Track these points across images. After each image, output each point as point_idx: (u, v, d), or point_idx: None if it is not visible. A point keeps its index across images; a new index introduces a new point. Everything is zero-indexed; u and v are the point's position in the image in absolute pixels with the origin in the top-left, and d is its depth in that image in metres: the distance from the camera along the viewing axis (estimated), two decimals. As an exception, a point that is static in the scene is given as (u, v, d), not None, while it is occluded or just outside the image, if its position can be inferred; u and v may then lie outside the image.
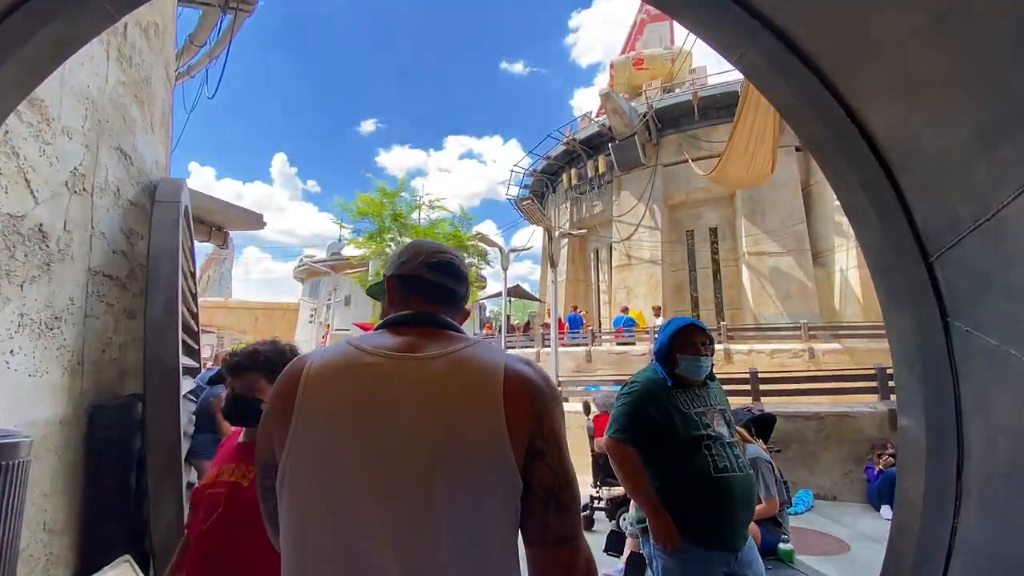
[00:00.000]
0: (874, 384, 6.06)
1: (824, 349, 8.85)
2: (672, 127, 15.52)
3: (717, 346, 10.19)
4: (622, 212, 15.85)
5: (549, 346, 11.97)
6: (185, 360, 3.02)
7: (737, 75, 14.59)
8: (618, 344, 11.03)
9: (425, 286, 0.96)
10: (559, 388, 7.85)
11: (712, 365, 2.03)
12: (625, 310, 11.84)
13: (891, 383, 5.75)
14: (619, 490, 4.15)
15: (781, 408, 5.86)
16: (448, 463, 0.75)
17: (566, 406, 7.37)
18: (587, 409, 4.88)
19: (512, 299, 14.36)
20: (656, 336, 2.24)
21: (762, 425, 5.60)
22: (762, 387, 6.23)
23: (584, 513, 3.00)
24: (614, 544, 3.67)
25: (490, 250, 16.41)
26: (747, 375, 6.44)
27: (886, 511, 5.06)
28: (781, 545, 3.03)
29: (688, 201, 15.41)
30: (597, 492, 4.60)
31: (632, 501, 2.47)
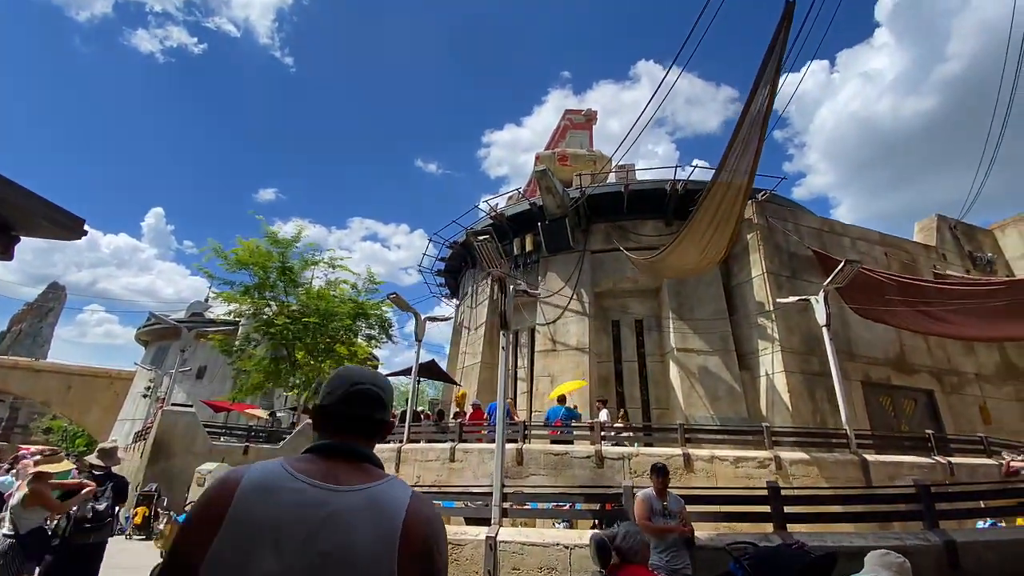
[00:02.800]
0: (901, 507, 4.85)
1: (791, 458, 7.79)
2: (601, 216, 15.33)
3: (675, 450, 8.77)
4: (548, 294, 14.77)
5: (467, 441, 9.69)
6: None
7: (664, 175, 15.30)
8: (553, 442, 9.12)
9: (344, 419, 1.18)
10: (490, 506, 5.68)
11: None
12: (562, 400, 10.13)
13: (940, 505, 4.56)
14: None
15: (815, 541, 4.33)
16: None
17: (509, 532, 5.12)
18: (602, 552, 2.89)
19: (420, 381, 11.96)
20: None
21: (817, 571, 3.92)
22: (786, 509, 4.70)
23: None
24: None
25: (399, 317, 14.16)
26: (764, 491, 4.90)
27: None
28: None
29: (615, 291, 14.84)
30: None
31: None
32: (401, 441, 10.37)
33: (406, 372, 13.74)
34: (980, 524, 6.44)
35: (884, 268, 13.99)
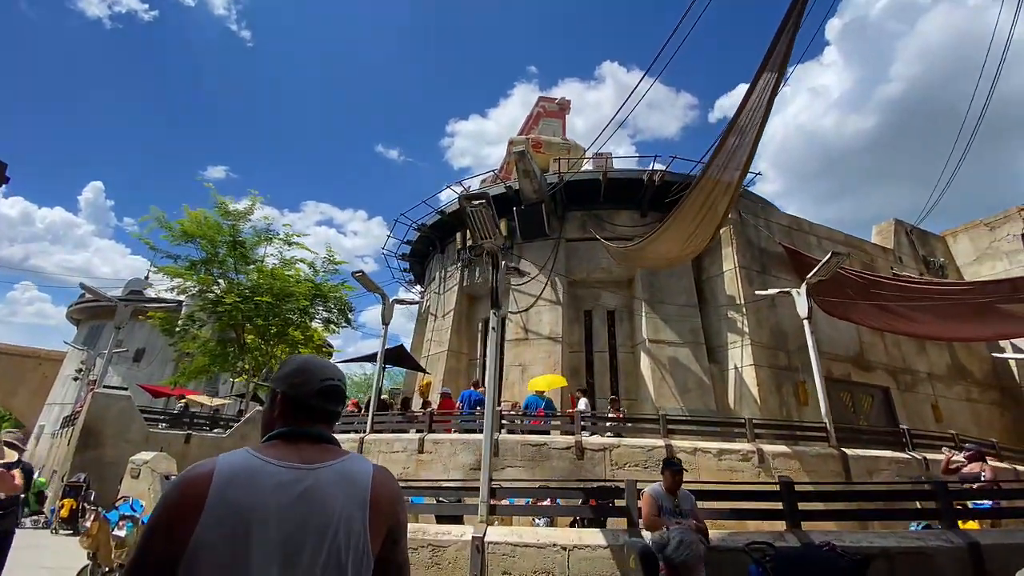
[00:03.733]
0: (911, 505, 4.69)
1: (773, 452, 7.68)
2: (578, 204, 14.98)
3: (656, 441, 8.52)
4: (521, 282, 14.29)
5: (436, 431, 9.11)
6: None
7: (640, 166, 15.13)
8: (528, 432, 8.69)
9: (313, 410, 1.27)
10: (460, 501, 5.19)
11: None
12: (540, 392, 9.69)
13: (958, 503, 4.40)
14: None
15: (829, 538, 4.06)
16: (329, 549, 1.10)
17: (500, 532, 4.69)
18: (648, 564, 2.43)
19: (385, 368, 11.21)
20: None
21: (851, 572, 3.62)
22: (800, 506, 4.43)
23: None
24: None
25: (355, 302, 13.31)
26: (776, 487, 4.61)
27: None
28: None
29: (589, 280, 14.54)
30: None
31: None
32: (364, 431, 9.67)
33: (370, 359, 12.95)
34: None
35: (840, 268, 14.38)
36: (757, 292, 11.51)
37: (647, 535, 4.22)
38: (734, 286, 13.18)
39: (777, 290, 10.49)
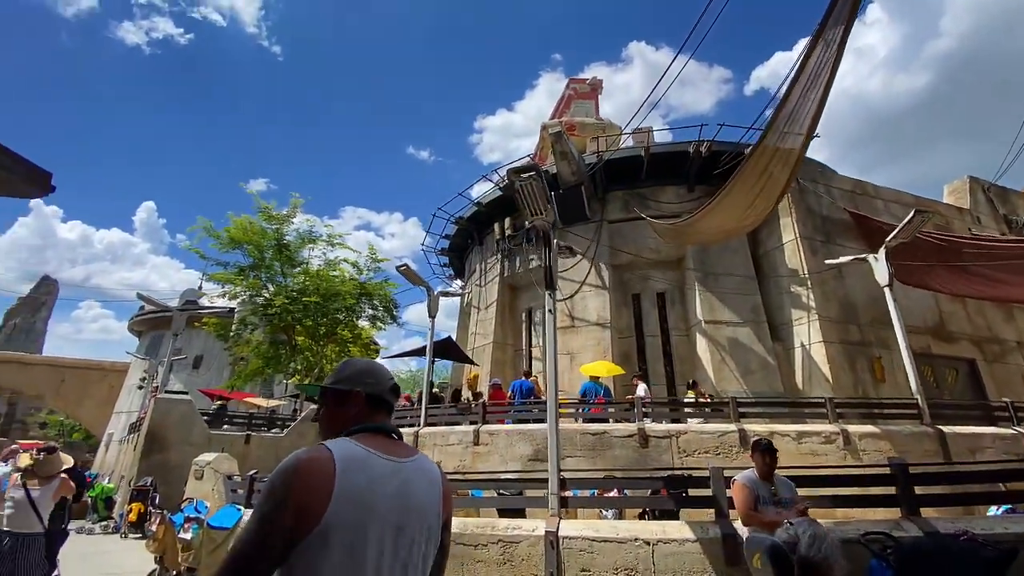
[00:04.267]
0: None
1: (859, 432, 7.00)
2: (619, 183, 14.36)
3: (727, 426, 7.97)
4: (564, 268, 13.84)
5: (492, 422, 8.85)
6: None
7: (683, 139, 14.27)
8: (587, 421, 8.30)
9: (386, 405, 1.43)
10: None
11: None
12: (597, 379, 9.27)
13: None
14: None
15: (950, 528, 3.50)
16: (420, 536, 1.26)
17: (574, 526, 4.32)
18: (780, 563, 2.00)
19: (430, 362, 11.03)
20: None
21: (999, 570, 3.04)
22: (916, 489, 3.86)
23: None
24: None
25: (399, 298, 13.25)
26: (886, 468, 4.06)
27: None
28: None
29: (635, 262, 13.93)
30: None
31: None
32: (418, 425, 9.53)
33: (419, 352, 12.86)
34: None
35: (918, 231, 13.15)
36: (827, 261, 10.63)
37: (742, 529, 3.77)
38: (796, 258, 12.29)
39: (850, 257, 9.62)
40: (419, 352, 12.82)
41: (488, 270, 17.04)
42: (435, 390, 12.67)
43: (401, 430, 6.15)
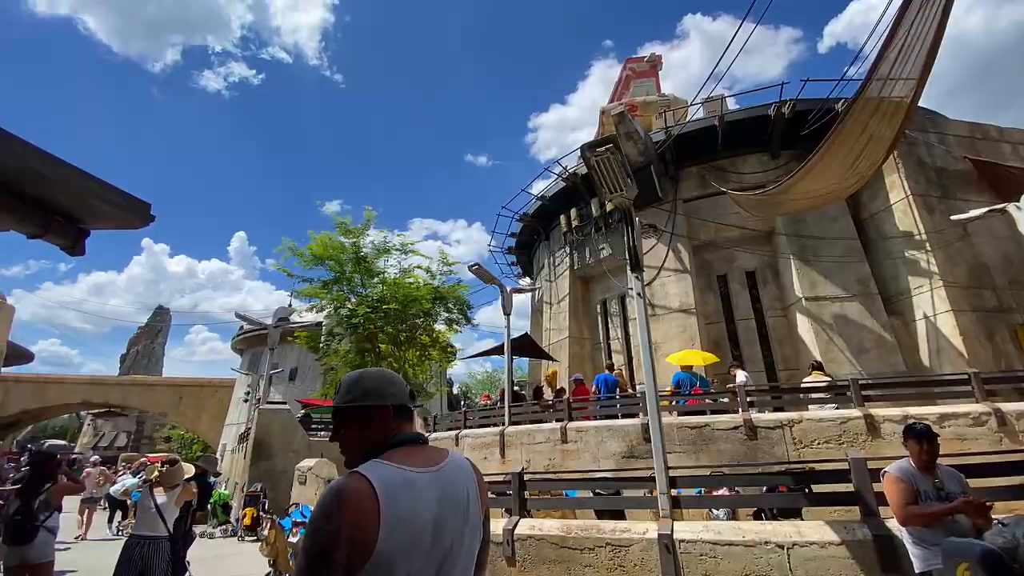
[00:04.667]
0: None
1: (1017, 411, 5.91)
2: (692, 158, 13.44)
3: (851, 412, 7.10)
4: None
5: (577, 419, 8.51)
6: None
7: (765, 100, 12.99)
8: (682, 414, 7.73)
9: (407, 411, 1.39)
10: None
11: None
12: (689, 368, 8.66)
13: None
14: None
15: None
16: (468, 538, 1.29)
17: (690, 528, 3.91)
18: (997, 568, 1.52)
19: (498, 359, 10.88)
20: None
21: None
22: None
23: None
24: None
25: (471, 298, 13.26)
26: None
27: None
28: None
29: (717, 241, 12.98)
30: None
31: None
32: (503, 424, 9.40)
33: (496, 351, 12.80)
34: None
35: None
36: (953, 218, 9.24)
37: (897, 529, 3.18)
38: (908, 219, 10.84)
39: (983, 210, 8.25)
40: (496, 351, 12.74)
41: (557, 264, 16.70)
42: (515, 388, 12.52)
43: (485, 430, 5.97)
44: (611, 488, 6.26)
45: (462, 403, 33.50)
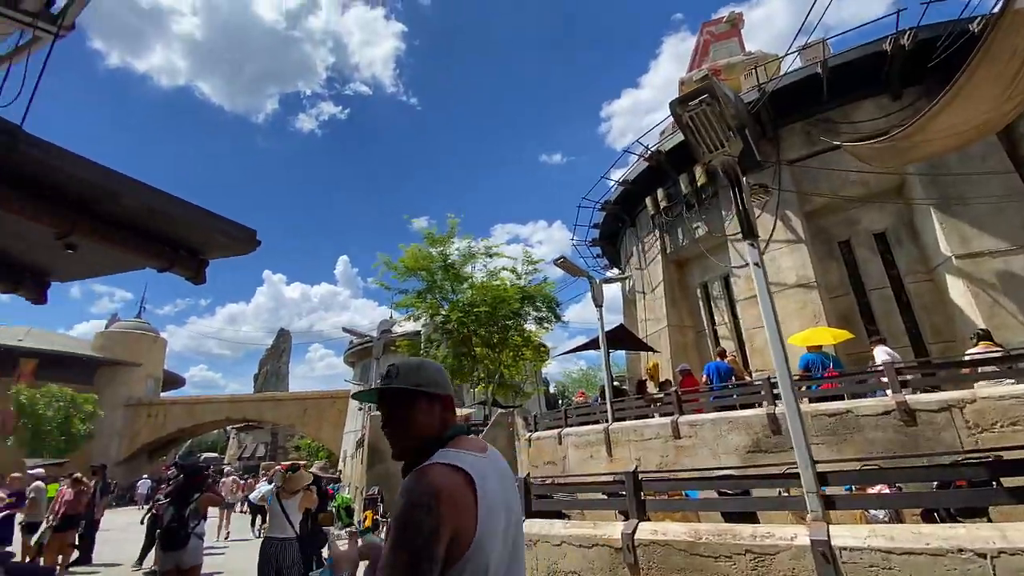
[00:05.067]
0: None
1: None
2: (792, 114, 12.00)
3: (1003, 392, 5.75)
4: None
5: (688, 412, 7.84)
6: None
7: (876, 33, 10.97)
8: (818, 400, 6.79)
9: (453, 402, 1.44)
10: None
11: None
12: (819, 348, 7.63)
13: None
14: None
15: None
16: (519, 512, 1.36)
17: (852, 533, 3.25)
18: None
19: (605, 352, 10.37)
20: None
21: None
22: None
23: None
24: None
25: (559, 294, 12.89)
26: None
27: None
28: None
29: (834, 203, 11.44)
30: None
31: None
32: (606, 421, 8.95)
33: (590, 346, 12.35)
34: None
35: None
36: None
37: None
38: (1092, 144, 8.72)
39: None
40: (591, 346, 12.27)
41: (647, 250, 15.82)
42: (616, 383, 11.96)
43: (588, 428, 5.57)
44: (738, 487, 5.60)
45: (559, 402, 33.24)
